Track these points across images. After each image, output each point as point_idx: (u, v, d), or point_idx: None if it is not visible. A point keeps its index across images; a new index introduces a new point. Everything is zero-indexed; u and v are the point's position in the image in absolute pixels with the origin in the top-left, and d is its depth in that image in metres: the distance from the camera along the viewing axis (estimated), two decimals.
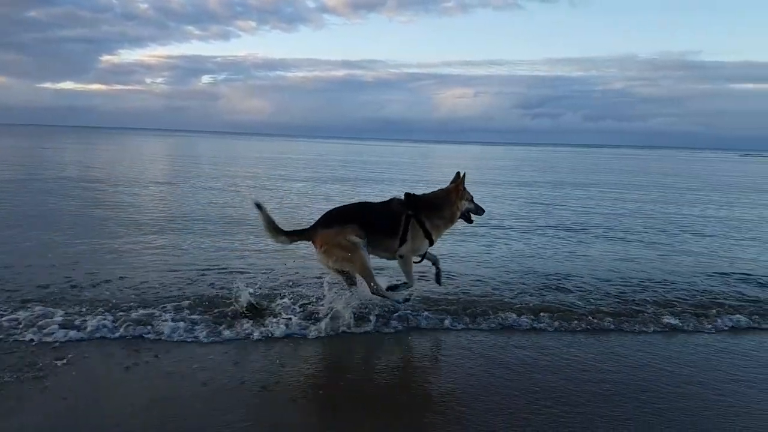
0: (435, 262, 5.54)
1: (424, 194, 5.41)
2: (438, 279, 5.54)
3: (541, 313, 5.39)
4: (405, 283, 5.29)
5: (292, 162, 32.57)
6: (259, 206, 5.00)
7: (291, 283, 5.88)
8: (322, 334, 4.74)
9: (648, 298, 6.04)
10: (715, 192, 21.28)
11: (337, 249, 4.93)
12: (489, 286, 6.29)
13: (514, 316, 5.30)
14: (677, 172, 37.74)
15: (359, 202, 5.47)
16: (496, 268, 7.24)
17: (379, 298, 5.13)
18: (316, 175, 22.47)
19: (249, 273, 6.38)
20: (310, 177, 21.42)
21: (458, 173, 5.45)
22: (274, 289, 5.68)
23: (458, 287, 6.19)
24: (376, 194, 16.06)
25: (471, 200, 5.51)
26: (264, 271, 6.54)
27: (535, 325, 5.18)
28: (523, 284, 6.48)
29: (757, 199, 19.09)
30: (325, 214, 5.19)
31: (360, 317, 5.06)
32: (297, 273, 6.41)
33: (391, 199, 5.35)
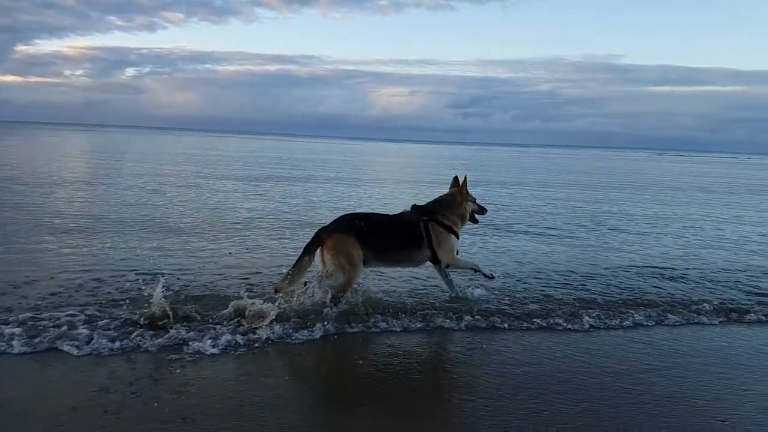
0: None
1: (430, 201, 5.70)
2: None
3: (466, 316, 5.31)
4: (489, 275, 5.73)
5: (222, 159, 31.61)
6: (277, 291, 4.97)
7: (207, 288, 5.67)
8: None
9: (569, 294, 6.21)
10: (634, 189, 22.48)
11: (343, 257, 5.03)
12: (417, 286, 6.28)
13: (442, 316, 5.25)
14: (599, 170, 39.60)
15: (373, 214, 5.61)
16: (425, 268, 7.28)
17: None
18: (246, 173, 21.85)
19: (168, 275, 6.09)
20: (240, 175, 20.75)
21: (456, 177, 5.84)
22: (186, 294, 5.49)
23: (393, 289, 6.15)
24: (308, 193, 15.86)
25: (474, 201, 5.85)
26: (185, 272, 6.29)
27: (454, 326, 5.16)
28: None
29: (672, 196, 20.32)
30: (342, 219, 5.27)
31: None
32: (216, 277, 6.18)
33: (402, 212, 5.59)
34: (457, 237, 5.61)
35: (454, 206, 5.64)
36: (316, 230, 5.27)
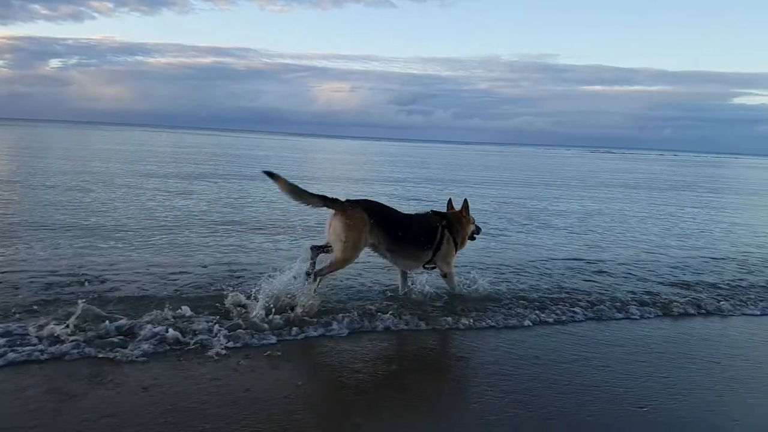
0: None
1: (444, 213, 5.95)
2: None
3: (390, 312, 5.25)
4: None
5: (153, 155, 30.33)
6: (271, 175, 5.18)
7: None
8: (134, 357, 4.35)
9: (502, 289, 6.25)
10: (566, 186, 23.30)
11: (354, 233, 5.10)
12: (347, 286, 6.21)
13: (367, 319, 5.12)
14: (534, 167, 40.79)
15: (400, 213, 5.67)
16: (363, 263, 7.24)
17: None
18: (179, 171, 20.93)
19: (93, 278, 5.78)
20: (171, 173, 19.86)
21: (450, 200, 6.15)
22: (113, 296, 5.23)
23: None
24: (243, 191, 15.51)
25: (473, 222, 6.12)
26: (110, 274, 5.99)
27: (391, 325, 5.12)
28: (378, 282, 6.43)
29: (602, 192, 21.18)
30: (372, 202, 5.44)
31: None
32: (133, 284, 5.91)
33: (426, 212, 5.84)
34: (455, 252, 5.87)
35: (460, 227, 5.89)
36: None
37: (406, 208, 6.50)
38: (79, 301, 4.57)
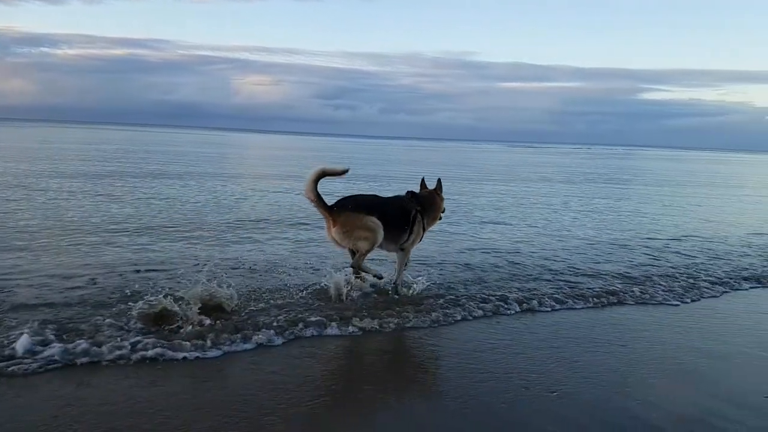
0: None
1: (420, 192, 6.15)
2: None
3: (307, 312, 5.19)
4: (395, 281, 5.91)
5: (60, 153, 28.31)
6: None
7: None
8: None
9: (423, 284, 6.18)
10: (488, 180, 23.95)
11: (360, 230, 5.44)
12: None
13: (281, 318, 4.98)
14: (460, 162, 41.59)
15: (377, 196, 5.98)
16: (285, 259, 7.09)
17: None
18: (87, 169, 19.45)
19: None
20: (79, 171, 18.47)
21: (423, 178, 6.32)
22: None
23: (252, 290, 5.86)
24: (156, 190, 14.81)
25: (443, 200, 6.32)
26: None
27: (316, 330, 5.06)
28: (301, 281, 6.32)
29: (522, 186, 21.96)
30: (349, 200, 5.60)
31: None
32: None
33: (401, 196, 5.99)
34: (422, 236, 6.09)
35: (435, 208, 6.11)
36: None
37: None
38: None
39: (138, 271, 6.25)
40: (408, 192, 6.11)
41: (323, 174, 5.47)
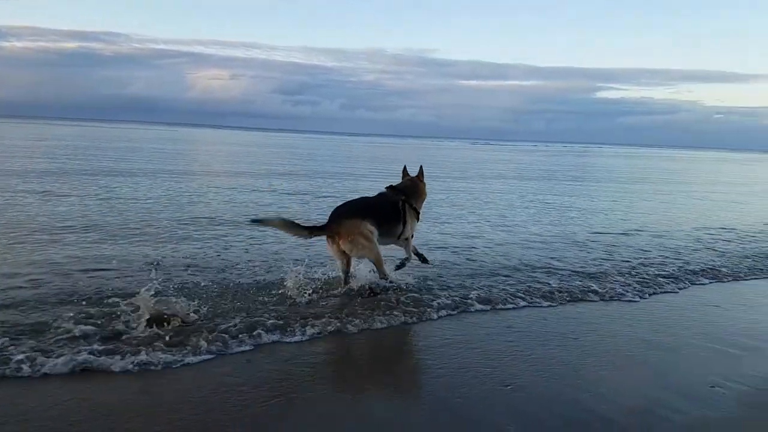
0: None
1: (399, 183, 6.35)
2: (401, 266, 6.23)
3: (265, 314, 5.09)
4: (406, 258, 6.19)
5: (8, 149, 27.04)
6: (260, 221, 5.68)
7: None
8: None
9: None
10: (447, 177, 24.11)
11: (362, 238, 5.51)
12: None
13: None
14: (419, 159, 41.50)
15: (364, 198, 6.07)
16: (238, 257, 6.93)
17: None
18: (36, 167, 18.51)
19: None
20: (27, 169, 17.58)
21: (405, 167, 6.56)
22: None
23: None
24: (105, 188, 14.34)
25: None
26: None
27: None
28: (257, 280, 6.24)
29: (480, 183, 22.21)
30: (342, 209, 5.71)
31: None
32: None
33: (384, 192, 6.15)
34: (419, 220, 6.29)
35: (419, 192, 6.32)
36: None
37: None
38: None
39: (86, 270, 6.02)
40: (387, 187, 6.24)
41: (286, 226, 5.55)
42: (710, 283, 7.24)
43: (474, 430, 3.36)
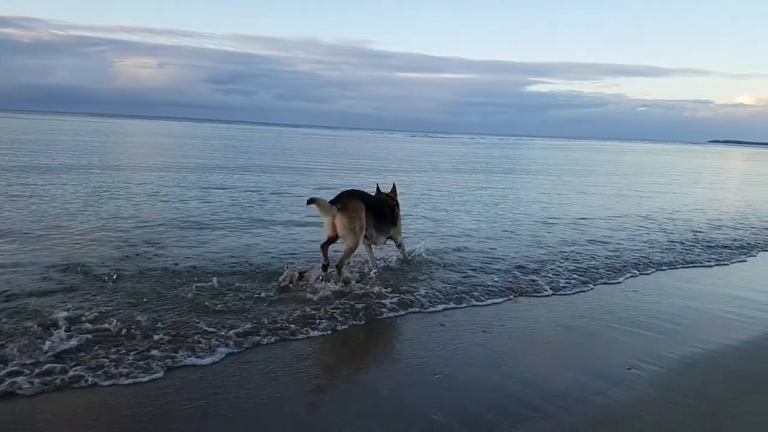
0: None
1: (391, 192, 7.09)
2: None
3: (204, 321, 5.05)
4: (403, 260, 6.97)
5: None
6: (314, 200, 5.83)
7: None
8: None
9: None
10: (383, 170, 24.17)
11: (357, 221, 5.93)
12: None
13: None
14: (356, 152, 41.34)
15: (373, 195, 6.64)
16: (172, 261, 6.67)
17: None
18: None
19: None
20: None
21: (377, 184, 7.07)
22: None
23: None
24: (19, 185, 13.48)
25: None
26: None
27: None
28: (198, 287, 6.07)
29: (414, 176, 22.36)
30: (354, 192, 6.26)
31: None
32: None
33: (382, 196, 6.85)
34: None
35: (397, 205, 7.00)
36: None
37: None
38: None
39: None
40: (381, 192, 6.93)
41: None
42: (633, 271, 7.43)
43: (401, 420, 3.39)
